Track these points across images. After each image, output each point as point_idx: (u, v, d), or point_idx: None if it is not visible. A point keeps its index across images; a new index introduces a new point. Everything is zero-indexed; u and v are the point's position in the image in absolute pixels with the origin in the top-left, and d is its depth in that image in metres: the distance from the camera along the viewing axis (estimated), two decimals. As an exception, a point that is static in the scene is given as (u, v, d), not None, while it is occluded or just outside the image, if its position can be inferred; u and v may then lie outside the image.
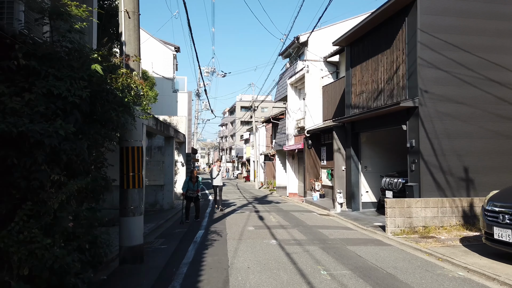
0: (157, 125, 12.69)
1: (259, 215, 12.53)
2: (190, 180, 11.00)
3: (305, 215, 12.76)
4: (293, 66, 22.17)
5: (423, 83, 9.59)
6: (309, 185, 17.68)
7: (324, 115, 17.66)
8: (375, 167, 13.39)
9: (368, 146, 13.32)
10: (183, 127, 19.83)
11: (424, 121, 9.55)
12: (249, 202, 17.81)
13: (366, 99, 12.17)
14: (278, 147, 24.55)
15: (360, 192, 13.08)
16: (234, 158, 62.31)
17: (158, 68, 24.98)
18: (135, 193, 6.21)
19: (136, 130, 6.25)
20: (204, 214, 13.00)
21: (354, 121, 12.88)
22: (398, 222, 9.04)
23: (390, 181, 11.22)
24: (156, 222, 11.06)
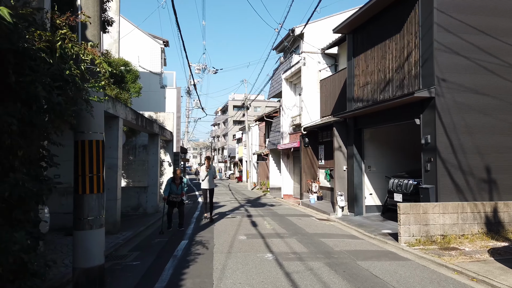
0: (138, 119, 11.32)
1: (252, 221, 11.22)
2: (173, 182, 9.54)
3: (303, 220, 11.47)
4: (288, 61, 20.90)
5: (440, 71, 8.37)
6: (306, 186, 16.43)
7: (322, 111, 16.41)
8: (380, 167, 12.16)
9: (372, 143, 12.08)
10: (170, 124, 18.45)
11: (442, 114, 8.33)
12: (241, 205, 16.49)
13: (371, 91, 10.93)
14: (272, 146, 23.26)
15: (364, 194, 11.84)
16: (226, 158, 60.93)
17: (144, 62, 23.56)
18: (94, 200, 4.84)
19: (94, 119, 4.87)
20: (190, 220, 11.64)
21: (357, 115, 11.63)
22: (413, 231, 7.79)
23: (399, 183, 9.99)
24: (134, 230, 9.69)
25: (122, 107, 9.65)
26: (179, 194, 9.47)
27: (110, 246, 7.76)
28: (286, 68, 19.64)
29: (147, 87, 23.52)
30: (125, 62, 15.10)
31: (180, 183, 9.53)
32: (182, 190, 9.53)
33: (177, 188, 9.41)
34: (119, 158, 9.41)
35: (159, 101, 23.41)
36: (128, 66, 15.28)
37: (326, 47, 16.20)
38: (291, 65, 18.83)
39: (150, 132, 14.07)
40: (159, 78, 23.81)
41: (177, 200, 9.48)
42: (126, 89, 15.24)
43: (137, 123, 11.24)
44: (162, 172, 18.35)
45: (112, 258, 6.77)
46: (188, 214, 13.21)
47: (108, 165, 9.24)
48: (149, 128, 13.13)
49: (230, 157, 54.69)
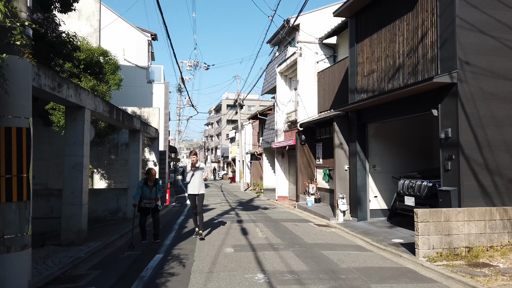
0: (112, 112, 9.92)
1: (242, 227, 9.87)
2: (145, 184, 7.99)
3: (300, 226, 10.14)
4: (282, 54, 19.58)
5: (463, 52, 7.08)
6: (302, 187, 15.11)
7: (319, 106, 15.11)
8: (386, 166, 10.87)
9: (377, 140, 10.79)
10: (156, 121, 17.06)
11: (465, 103, 7.04)
12: (232, 208, 15.13)
13: (377, 79, 9.63)
14: (265, 144, 21.93)
15: (368, 197, 10.54)
16: (219, 158, 59.52)
17: (130, 56, 22.13)
18: (12, 212, 3.46)
19: (9, 97, 3.47)
20: (172, 227, 10.25)
21: (361, 108, 10.33)
22: (433, 242, 6.49)
23: (411, 184, 8.69)
24: (105, 239, 8.30)
25: (89, 96, 8.25)
26: (153, 199, 7.94)
27: (68, 262, 6.38)
28: (281, 61, 18.31)
29: (133, 82, 22.11)
30: (103, 51, 13.68)
31: (155, 185, 8.03)
32: (157, 193, 8.02)
33: (151, 191, 7.90)
34: (85, 155, 8.02)
35: (145, 97, 21.98)
36: (107, 56, 13.84)
37: (324, 37, 14.90)
38: (286, 57, 17.50)
39: (130, 128, 12.67)
40: (145, 72, 22.38)
41: (151, 206, 7.94)
42: (104, 81, 13.85)
43: (111, 116, 9.84)
44: (146, 173, 16.93)
45: (62, 280, 5.38)
46: (171, 219, 11.81)
47: (72, 164, 7.86)
48: (127, 123, 11.73)
49: (224, 157, 53.32)
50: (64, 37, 9.64)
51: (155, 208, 7.98)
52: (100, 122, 13.18)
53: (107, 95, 13.32)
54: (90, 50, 12.89)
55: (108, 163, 16.98)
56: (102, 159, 16.87)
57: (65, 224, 7.78)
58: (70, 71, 12.70)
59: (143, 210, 7.89)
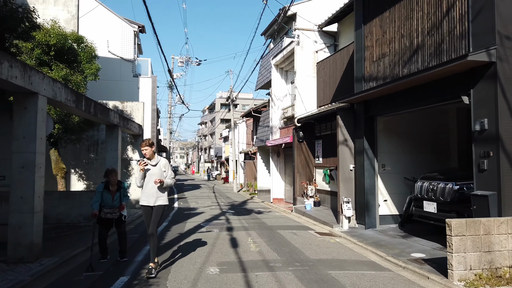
0: (79, 102, 8.44)
1: (232, 237, 8.46)
2: (106, 189, 6.37)
3: (299, 235, 8.75)
4: (278, 46, 18.21)
5: (503, 25, 5.73)
6: (300, 189, 13.73)
7: (319, 100, 13.74)
8: (397, 165, 9.52)
9: (387, 135, 9.45)
10: (140, 116, 15.60)
11: (506, 87, 5.69)
12: (223, 212, 13.71)
13: (389, 64, 8.27)
14: (260, 143, 20.54)
15: (377, 201, 9.18)
16: (213, 158, 58.01)
17: (115, 48, 20.61)
18: None
19: None
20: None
21: (369, 99, 8.97)
22: (470, 261, 5.13)
23: (432, 187, 7.32)
24: (65, 253, 6.85)
25: (45, 81, 6.79)
26: (117, 208, 6.36)
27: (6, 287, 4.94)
28: (277, 52, 16.92)
29: (118, 76, 20.62)
30: (78, 36, 12.19)
31: (118, 190, 6.46)
32: (122, 201, 6.45)
33: (113, 198, 6.32)
34: (38, 152, 6.55)
35: (131, 92, 20.45)
36: (82, 42, 12.36)
37: (324, 23, 13.53)
38: (282, 47, 16.11)
39: (106, 122, 11.22)
40: (131, 65, 20.86)
41: (114, 216, 6.34)
42: (79, 71, 12.37)
43: (78, 107, 8.37)
44: (129, 173, 15.47)
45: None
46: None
47: (22, 162, 6.40)
48: (102, 116, 10.27)
49: (217, 157, 51.85)
50: (20, 11, 8.20)
51: (120, 219, 6.40)
52: (73, 116, 11.72)
53: (82, 86, 11.86)
54: (62, 35, 11.40)
55: (86, 163, 15.50)
56: (80, 158, 15.39)
57: (12, 236, 6.31)
58: (39, 58, 11.24)
59: (103, 222, 6.28)
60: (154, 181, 5.40)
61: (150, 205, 5.60)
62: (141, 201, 5.68)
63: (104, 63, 20.06)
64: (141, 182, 5.61)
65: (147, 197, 5.61)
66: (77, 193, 11.93)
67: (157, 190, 5.59)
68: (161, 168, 5.66)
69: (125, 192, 6.52)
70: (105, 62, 20.24)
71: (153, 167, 5.63)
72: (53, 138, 11.94)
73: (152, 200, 5.59)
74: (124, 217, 6.36)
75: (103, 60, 20.08)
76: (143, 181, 5.61)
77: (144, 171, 5.55)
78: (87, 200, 11.64)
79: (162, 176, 5.58)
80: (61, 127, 11.46)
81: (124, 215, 6.37)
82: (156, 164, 5.66)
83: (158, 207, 5.63)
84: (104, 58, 20.17)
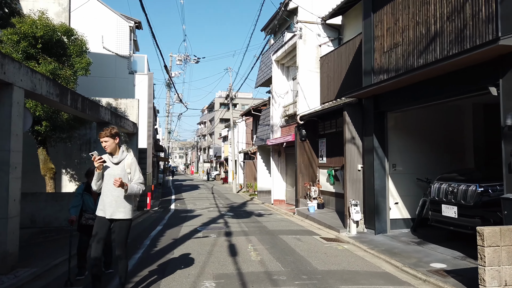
0: (63, 96, 7.73)
1: (231, 243, 7.75)
2: (87, 192, 5.55)
3: (304, 241, 8.05)
4: (279, 41, 17.52)
5: (539, 4, 5.04)
6: (303, 190, 13.02)
7: (322, 96, 13.05)
8: (408, 165, 8.83)
9: (398, 133, 8.75)
10: (134, 114, 14.90)
11: (542, 76, 5.00)
12: (221, 214, 13.01)
13: (402, 55, 7.57)
14: (260, 142, 19.84)
15: (388, 204, 8.47)
16: (212, 158, 57.29)
17: (110, 44, 19.94)
18: None
19: None
20: (142, 242, 8.09)
21: (379, 93, 8.28)
22: (505, 275, 4.43)
23: (451, 189, 6.62)
24: (44, 263, 6.16)
25: (22, 71, 6.08)
26: None
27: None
28: (278, 47, 16.22)
29: (113, 72, 19.95)
30: (67, 28, 11.48)
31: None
32: None
33: (95, 201, 5.30)
34: (14, 150, 5.85)
35: (127, 89, 19.80)
36: (72, 35, 11.66)
37: (328, 16, 12.81)
38: (284, 41, 15.42)
39: (96, 119, 10.52)
40: (127, 62, 20.18)
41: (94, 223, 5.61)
42: (68, 65, 11.68)
43: (63, 101, 7.65)
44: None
45: None
46: (145, 231, 9.66)
47: (-7, 162, 5.70)
48: (91, 113, 9.56)
49: (216, 157, 51.14)
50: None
51: None
52: (63, 113, 11.02)
53: (71, 81, 11.16)
54: (50, 27, 10.70)
55: (78, 162, 14.78)
56: (72, 157, 14.68)
57: (-17, 245, 5.62)
58: (25, 52, 10.56)
59: (85, 229, 5.41)
60: (114, 183, 3.97)
61: (105, 217, 4.18)
62: (97, 211, 4.31)
63: (98, 59, 19.41)
64: (97, 184, 4.20)
65: (103, 206, 4.19)
66: (66, 195, 11.21)
67: (116, 198, 4.14)
68: (125, 168, 4.25)
69: None
70: (100, 58, 19.56)
71: (114, 165, 4.23)
72: (41, 136, 11.24)
73: (109, 211, 4.14)
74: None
75: (97, 56, 19.40)
76: (100, 183, 4.20)
77: (102, 170, 4.16)
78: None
79: (125, 179, 4.16)
80: (49, 125, 10.76)
81: None
82: (119, 163, 4.27)
83: (119, 224, 4.20)
84: (99, 54, 19.48)
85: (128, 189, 4.07)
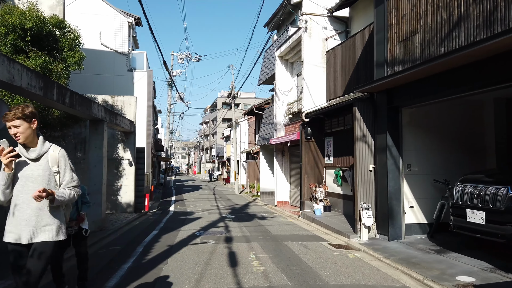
0: (48, 89, 7.08)
1: (231, 251, 7.07)
2: None
3: (311, 249, 7.35)
4: (283, 36, 16.85)
5: None
6: (308, 192, 12.33)
7: (329, 92, 12.35)
8: (424, 165, 8.12)
9: (413, 130, 8.05)
10: (132, 111, 14.25)
11: None
12: (222, 217, 12.33)
13: (420, 43, 6.86)
14: (263, 141, 19.15)
15: (403, 207, 7.76)
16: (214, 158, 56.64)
17: (108, 40, 19.31)
18: None
19: None
20: (133, 250, 7.42)
21: (394, 86, 7.57)
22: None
23: (478, 192, 5.90)
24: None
25: (-5, 59, 5.42)
26: (74, 219, 4.64)
27: None
28: (281, 42, 15.54)
29: (111, 70, 19.33)
30: (59, 20, 10.83)
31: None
32: (80, 210, 4.87)
33: None
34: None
35: (126, 86, 19.15)
36: (64, 28, 11.02)
37: (335, 7, 12.12)
38: (288, 36, 14.73)
39: (88, 116, 9.86)
40: (126, 59, 19.54)
41: (70, 232, 4.52)
42: (60, 59, 11.04)
43: (47, 95, 7.00)
44: (119, 174, 14.13)
45: None
46: (139, 236, 8.99)
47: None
48: (82, 109, 8.90)
49: (218, 157, 50.49)
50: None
51: (79, 234, 4.76)
52: (54, 110, 10.39)
53: (63, 76, 10.52)
54: (40, 18, 10.07)
55: (73, 163, 13.87)
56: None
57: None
58: (14, 45, 9.94)
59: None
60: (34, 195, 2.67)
61: (21, 243, 2.81)
62: (5, 234, 2.85)
63: (96, 56, 18.81)
64: (5, 194, 2.83)
65: (15, 226, 2.82)
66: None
67: (37, 212, 2.84)
68: (50, 166, 2.94)
69: (84, 198, 5.04)
70: (98, 55, 18.95)
71: (32, 162, 2.90)
72: (30, 134, 10.59)
73: (27, 233, 2.80)
74: (85, 232, 4.83)
75: (95, 53, 18.78)
76: (8, 191, 2.84)
77: (12, 170, 2.79)
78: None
79: (52, 181, 2.93)
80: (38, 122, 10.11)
81: (85, 229, 4.84)
82: (39, 158, 2.92)
83: (40, 248, 2.81)
84: (96, 51, 18.86)
85: (56, 197, 2.80)
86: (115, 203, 13.83)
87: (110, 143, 14.12)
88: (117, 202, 13.85)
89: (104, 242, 8.38)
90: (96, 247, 7.85)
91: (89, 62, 18.71)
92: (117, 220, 11.75)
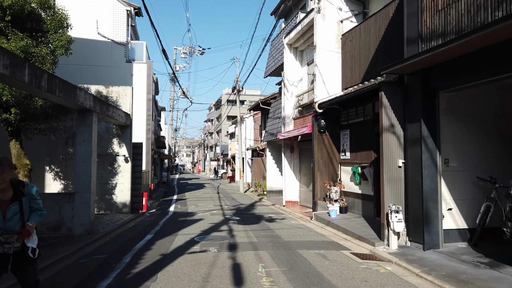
0: (18, 69, 5.89)
1: (235, 263, 5.86)
2: None
3: (332, 260, 6.11)
4: (291, 23, 15.61)
5: None
6: (321, 191, 11.09)
7: (345, 80, 11.09)
8: (465, 160, 6.86)
9: (453, 119, 6.78)
10: (128, 103, 13.09)
11: None
12: (226, 219, 11.13)
13: (467, 10, 5.59)
14: (270, 137, 17.92)
15: (440, 210, 6.51)
16: (219, 156, 55.50)
17: (105, 30, 18.17)
18: None
19: None
20: (119, 260, 6.23)
21: (430, 66, 6.31)
22: None
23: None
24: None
25: None
26: (14, 233, 3.16)
27: None
28: (291, 29, 14.29)
29: (109, 61, 18.19)
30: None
31: (15, 201, 3.23)
32: (26, 220, 3.26)
33: (4, 216, 3.17)
34: None
35: (124, 78, 17.99)
36: (49, 7, 9.85)
37: (352, -15, 10.86)
38: (297, 21, 13.48)
39: (73, 105, 8.69)
40: (124, 49, 18.38)
41: (8, 250, 3.13)
42: (45, 42, 9.91)
43: (16, 76, 5.83)
44: (115, 171, 12.98)
45: None
46: (130, 241, 7.79)
47: None
48: (63, 95, 7.72)
49: (223, 155, 49.33)
50: None
51: (22, 255, 3.25)
52: (37, 99, 9.25)
53: (48, 62, 9.35)
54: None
55: (64, 159, 13.02)
56: (57, 152, 12.93)
57: None
58: (-9, 26, 8.81)
59: None
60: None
61: None
62: None
63: (92, 46, 17.67)
64: None
65: None
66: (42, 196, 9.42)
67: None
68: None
69: (35, 203, 3.44)
70: (94, 45, 17.82)
71: None
72: (11, 126, 9.47)
73: None
74: (31, 252, 3.29)
75: (91, 42, 17.65)
76: None
77: None
78: (52, 206, 9.17)
79: None
80: (19, 112, 8.98)
81: (32, 248, 3.31)
82: None
83: None
84: (93, 41, 17.73)
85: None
86: (110, 203, 12.68)
87: (104, 138, 13.00)
88: (111, 201, 12.71)
89: (88, 250, 7.22)
90: (78, 255, 6.70)
91: (85, 52, 17.65)
92: (110, 222, 10.59)
